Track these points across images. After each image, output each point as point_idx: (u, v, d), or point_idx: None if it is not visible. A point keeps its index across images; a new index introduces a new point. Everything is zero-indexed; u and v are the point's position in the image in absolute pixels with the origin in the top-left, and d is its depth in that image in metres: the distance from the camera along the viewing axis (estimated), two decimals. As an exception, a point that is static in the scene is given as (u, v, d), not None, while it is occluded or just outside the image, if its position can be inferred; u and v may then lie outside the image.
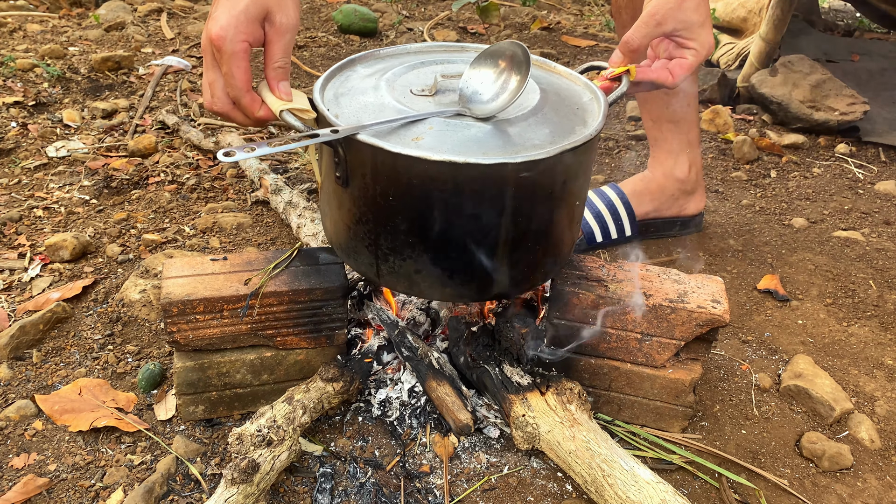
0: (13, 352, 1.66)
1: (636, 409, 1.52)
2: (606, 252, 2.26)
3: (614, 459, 1.26)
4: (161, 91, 3.43)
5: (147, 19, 4.60)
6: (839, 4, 6.12)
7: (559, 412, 1.36)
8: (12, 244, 2.14)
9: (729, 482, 1.42)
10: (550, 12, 5.59)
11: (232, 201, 2.47)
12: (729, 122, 3.29)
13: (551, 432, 1.34)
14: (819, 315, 1.99)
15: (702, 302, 1.39)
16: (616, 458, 1.27)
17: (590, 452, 1.28)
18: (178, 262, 1.44)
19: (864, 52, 4.17)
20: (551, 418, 1.35)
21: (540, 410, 1.37)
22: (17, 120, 2.95)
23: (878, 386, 1.73)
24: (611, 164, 2.93)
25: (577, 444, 1.30)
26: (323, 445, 1.44)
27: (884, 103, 3.46)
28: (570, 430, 1.33)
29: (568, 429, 1.33)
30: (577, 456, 1.30)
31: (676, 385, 1.46)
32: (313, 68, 3.84)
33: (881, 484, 1.45)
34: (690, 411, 1.50)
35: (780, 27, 3.39)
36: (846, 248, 2.33)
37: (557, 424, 1.34)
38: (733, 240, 2.37)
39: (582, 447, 1.30)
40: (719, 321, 1.37)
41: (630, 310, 1.39)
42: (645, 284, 1.43)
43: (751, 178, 2.87)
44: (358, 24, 4.43)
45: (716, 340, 1.48)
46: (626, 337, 1.43)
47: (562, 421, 1.34)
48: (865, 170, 2.96)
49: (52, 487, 1.33)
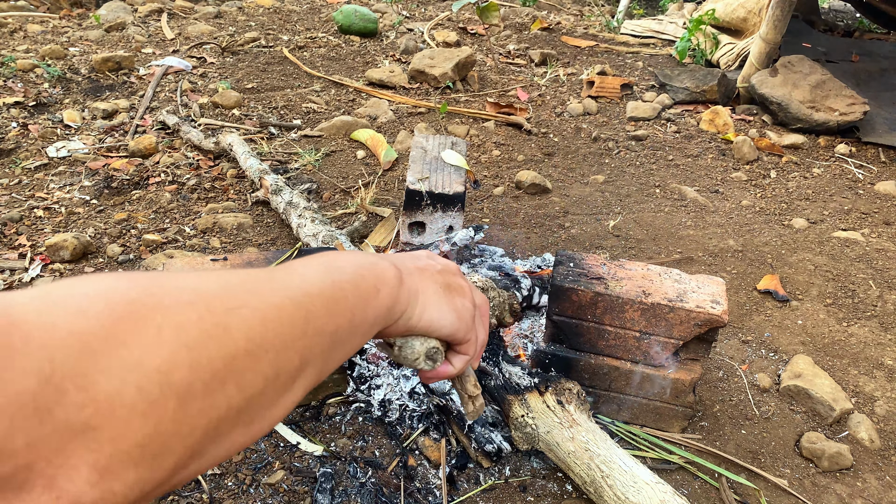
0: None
1: (636, 409, 1.52)
2: (607, 251, 2.26)
3: (613, 460, 1.25)
4: (161, 91, 3.43)
5: (147, 20, 4.60)
6: (839, 4, 6.12)
7: (558, 413, 1.35)
8: (13, 244, 2.14)
9: (729, 482, 1.42)
10: (550, 12, 5.59)
11: (232, 201, 2.47)
12: (729, 122, 3.30)
13: (550, 433, 1.34)
14: (819, 315, 1.99)
15: (701, 302, 1.39)
16: (615, 458, 1.26)
17: (588, 453, 1.28)
18: (179, 263, 1.44)
19: (864, 52, 4.17)
20: (550, 419, 1.35)
21: (539, 411, 1.37)
22: (17, 120, 2.96)
23: (878, 386, 1.73)
24: (611, 164, 2.93)
25: (577, 444, 1.30)
26: (323, 445, 1.45)
27: (884, 103, 3.46)
28: (569, 430, 1.32)
29: (567, 429, 1.32)
30: (576, 457, 1.29)
31: (676, 385, 1.46)
32: (313, 68, 3.84)
33: (881, 484, 1.45)
34: (690, 411, 1.50)
35: (780, 27, 3.39)
36: (846, 248, 2.33)
37: (556, 425, 1.33)
38: (733, 240, 2.37)
39: (581, 448, 1.29)
40: (718, 321, 1.37)
41: (627, 306, 1.39)
42: (645, 283, 1.44)
43: (751, 178, 2.87)
44: (358, 24, 4.43)
45: (715, 341, 1.48)
46: (624, 335, 1.43)
47: (560, 422, 1.34)
48: (865, 170, 2.96)
49: (52, 487, 1.33)
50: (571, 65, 4.21)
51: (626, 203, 2.61)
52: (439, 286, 0.70)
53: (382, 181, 2.65)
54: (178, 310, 0.40)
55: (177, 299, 0.41)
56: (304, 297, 0.50)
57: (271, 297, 0.47)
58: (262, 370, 0.44)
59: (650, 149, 3.10)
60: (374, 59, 4.09)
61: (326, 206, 2.44)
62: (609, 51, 4.51)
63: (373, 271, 0.59)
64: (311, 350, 0.49)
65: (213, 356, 0.40)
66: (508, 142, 3.10)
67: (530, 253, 2.21)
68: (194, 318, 0.40)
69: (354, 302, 0.55)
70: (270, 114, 3.24)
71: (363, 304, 0.57)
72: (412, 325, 0.66)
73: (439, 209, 1.86)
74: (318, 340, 0.50)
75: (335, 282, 0.54)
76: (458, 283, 0.73)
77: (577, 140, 3.17)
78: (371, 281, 0.58)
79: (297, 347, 0.48)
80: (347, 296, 0.54)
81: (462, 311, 0.71)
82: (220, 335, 0.41)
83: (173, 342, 0.38)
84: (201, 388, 0.39)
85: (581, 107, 3.47)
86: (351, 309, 0.55)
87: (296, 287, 0.50)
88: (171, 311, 0.39)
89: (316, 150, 2.87)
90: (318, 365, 0.51)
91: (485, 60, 4.22)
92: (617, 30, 5.05)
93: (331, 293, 0.53)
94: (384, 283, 0.60)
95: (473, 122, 3.28)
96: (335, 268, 0.56)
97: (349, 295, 0.55)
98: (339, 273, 0.56)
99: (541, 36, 4.74)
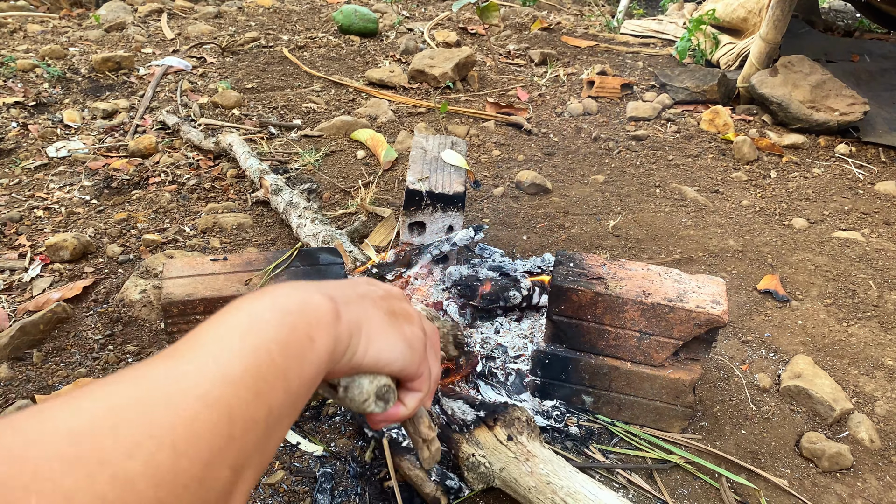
0: (13, 352, 1.66)
1: (636, 409, 1.52)
2: (607, 251, 2.26)
3: (578, 490, 1.18)
4: (161, 91, 3.43)
5: (147, 20, 4.60)
6: (839, 4, 6.12)
7: (511, 447, 1.26)
8: (13, 244, 2.14)
9: (729, 482, 1.42)
10: (550, 13, 5.59)
11: (232, 201, 2.47)
12: (729, 122, 3.30)
13: (506, 469, 1.24)
14: (819, 315, 1.99)
15: (701, 302, 1.38)
16: (579, 488, 1.18)
17: (551, 486, 1.19)
18: (179, 263, 1.44)
19: (864, 52, 4.17)
20: (504, 454, 1.26)
21: (490, 447, 1.27)
22: (17, 120, 2.96)
23: (878, 386, 1.73)
24: (611, 164, 2.93)
25: (536, 478, 1.21)
26: (323, 445, 1.44)
27: (884, 103, 3.46)
28: (525, 464, 1.23)
29: (524, 463, 1.23)
30: (537, 492, 1.20)
31: (676, 385, 1.45)
32: (313, 68, 3.84)
33: (881, 484, 1.45)
34: (690, 411, 1.50)
35: (780, 27, 3.39)
36: (846, 248, 2.33)
37: (511, 460, 1.24)
38: (733, 240, 2.37)
39: (541, 482, 1.20)
40: (718, 322, 1.37)
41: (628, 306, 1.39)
42: (645, 283, 1.43)
43: (751, 178, 2.87)
44: (358, 24, 4.43)
45: (715, 341, 1.48)
46: (624, 335, 1.43)
47: (516, 456, 1.25)
48: (865, 170, 2.96)
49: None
50: (571, 65, 4.21)
51: (626, 203, 2.61)
52: (384, 313, 0.60)
53: (382, 181, 2.65)
54: (62, 474, 0.31)
55: (58, 456, 0.32)
56: (221, 391, 0.40)
57: (180, 412, 0.37)
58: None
59: (650, 149, 3.09)
60: (374, 59, 4.09)
61: (326, 206, 2.44)
62: (609, 51, 4.51)
63: (303, 315, 0.49)
64: (243, 452, 0.40)
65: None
66: (508, 142, 3.09)
67: (530, 253, 2.21)
68: (84, 482, 0.31)
69: (286, 364, 0.45)
70: (270, 114, 3.24)
71: (298, 363, 0.46)
72: (357, 363, 0.56)
73: (439, 209, 1.86)
74: (250, 437, 0.41)
75: (257, 348, 0.44)
76: (405, 308, 0.64)
77: (578, 140, 3.17)
78: (302, 329, 0.48)
79: (226, 459, 0.39)
80: (275, 360, 0.44)
81: (413, 340, 0.61)
82: (121, 493, 0.32)
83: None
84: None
85: (581, 107, 3.47)
86: (283, 375, 0.45)
87: (209, 380, 0.40)
88: (52, 482, 0.31)
89: (316, 150, 2.87)
90: (255, 461, 0.42)
91: (485, 60, 4.22)
92: (617, 30, 5.05)
93: (255, 368, 0.43)
94: (319, 327, 0.50)
95: (473, 122, 3.28)
96: (254, 327, 0.45)
97: (277, 358, 0.44)
98: (261, 333, 0.45)
99: (541, 36, 4.74)
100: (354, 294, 0.59)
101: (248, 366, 0.42)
